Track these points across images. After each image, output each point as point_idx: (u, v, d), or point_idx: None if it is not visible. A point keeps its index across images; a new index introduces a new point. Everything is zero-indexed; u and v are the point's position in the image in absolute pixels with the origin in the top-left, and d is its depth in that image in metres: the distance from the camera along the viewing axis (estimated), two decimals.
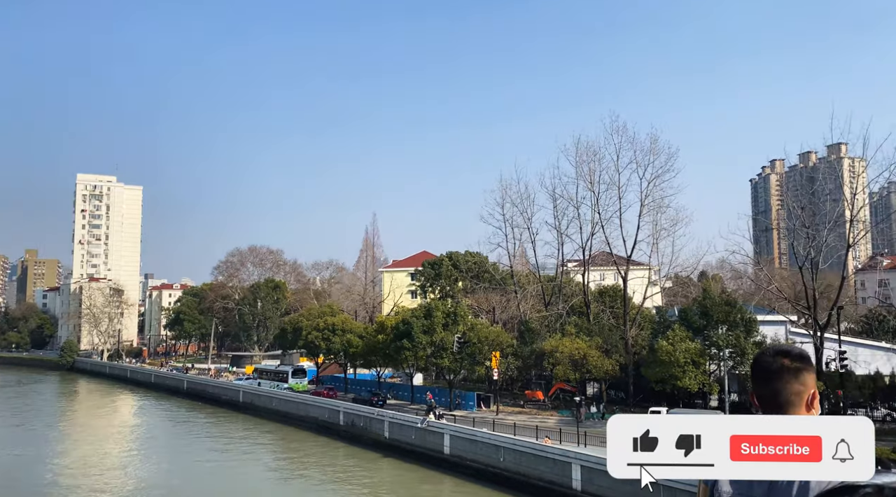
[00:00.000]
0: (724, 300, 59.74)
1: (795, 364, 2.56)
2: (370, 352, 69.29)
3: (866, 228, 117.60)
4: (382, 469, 49.92)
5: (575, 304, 73.28)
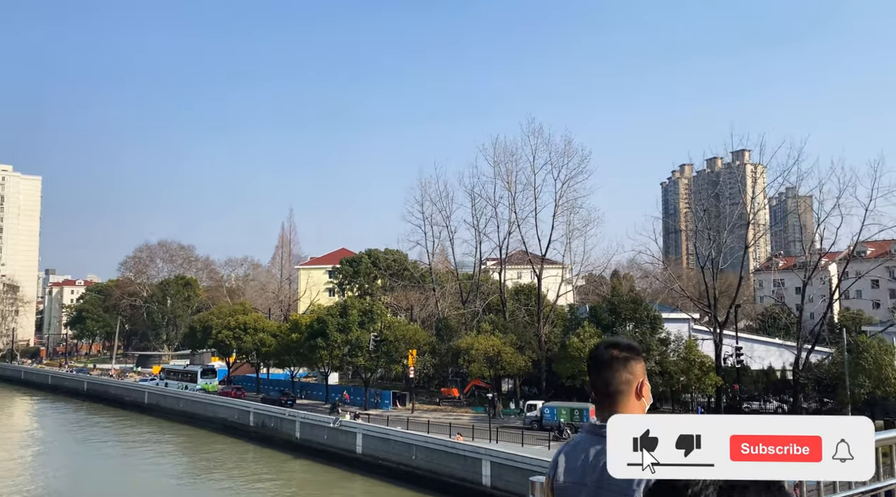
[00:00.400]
0: (632, 298, 61.99)
1: (624, 354, 2.62)
2: (284, 351, 67.78)
3: (765, 231, 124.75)
4: (293, 470, 48.88)
5: (492, 302, 74.24)
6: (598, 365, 2.65)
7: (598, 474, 2.43)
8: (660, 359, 57.75)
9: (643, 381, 2.65)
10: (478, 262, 77.83)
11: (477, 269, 78.31)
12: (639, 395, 2.64)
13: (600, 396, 2.66)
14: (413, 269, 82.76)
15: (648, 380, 2.95)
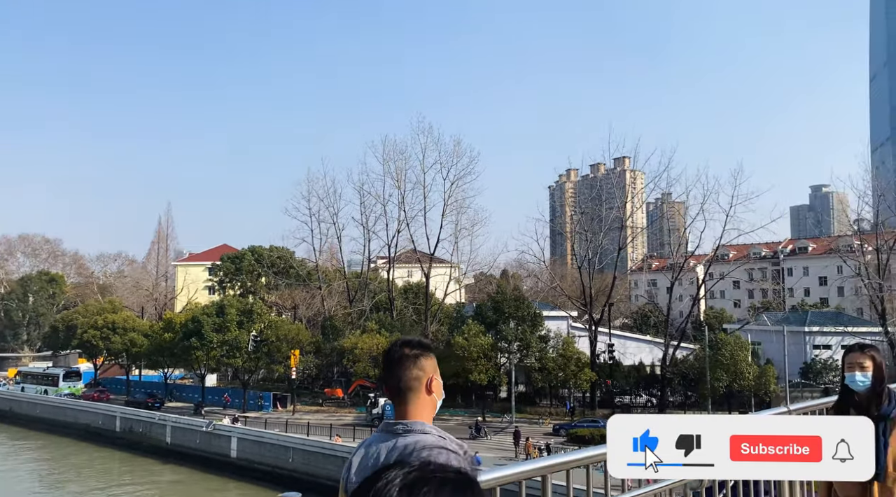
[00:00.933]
0: (515, 297, 63.49)
1: (415, 351, 2.63)
2: (156, 352, 64.01)
3: (637, 233, 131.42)
4: (162, 477, 46.24)
5: (380, 301, 73.77)
6: (391, 362, 2.65)
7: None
8: (539, 355, 59.57)
9: (433, 377, 2.63)
10: (366, 261, 77.16)
11: (365, 268, 77.57)
12: (429, 391, 2.61)
13: (392, 393, 2.65)
14: (299, 266, 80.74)
15: (529, 373, 2.71)
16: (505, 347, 59.51)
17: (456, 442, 2.44)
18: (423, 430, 2.43)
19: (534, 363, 58.80)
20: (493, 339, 59.25)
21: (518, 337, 58.80)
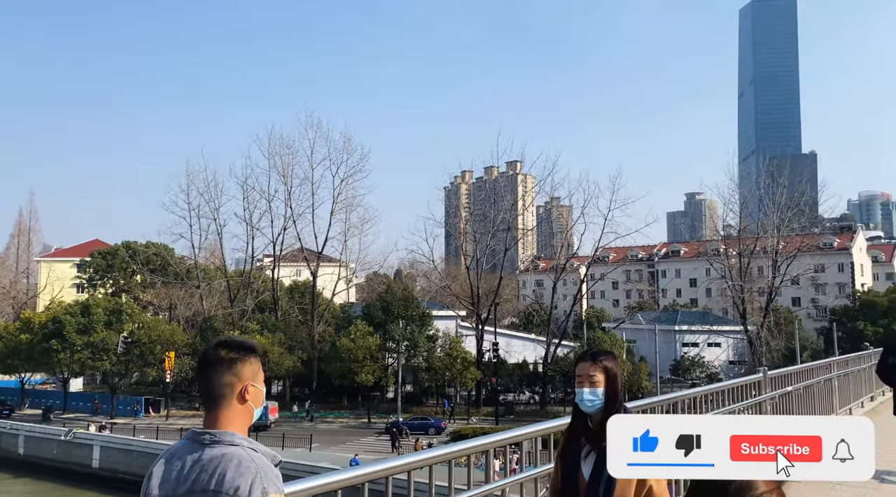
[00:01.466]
0: (405, 297, 63.34)
1: (231, 355, 2.36)
2: (11, 354, 58.59)
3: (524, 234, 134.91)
4: (12, 491, 42.27)
5: (264, 301, 71.32)
6: (204, 366, 2.37)
7: (189, 486, 2.16)
8: (427, 355, 59.72)
9: (249, 385, 2.37)
10: (250, 259, 74.34)
11: (249, 266, 74.73)
12: (243, 399, 2.34)
13: (204, 399, 2.41)
14: (178, 264, 76.57)
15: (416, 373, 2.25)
16: (393, 348, 59.18)
17: (270, 453, 2.28)
18: (232, 442, 2.22)
19: (421, 363, 58.86)
20: (381, 340, 58.77)
21: (406, 337, 58.66)
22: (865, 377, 14.90)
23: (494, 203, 68.66)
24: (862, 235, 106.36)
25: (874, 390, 15.84)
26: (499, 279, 64.64)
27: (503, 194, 73.97)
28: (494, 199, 69.13)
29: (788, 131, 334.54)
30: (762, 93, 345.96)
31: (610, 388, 3.31)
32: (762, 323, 64.65)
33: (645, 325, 72.74)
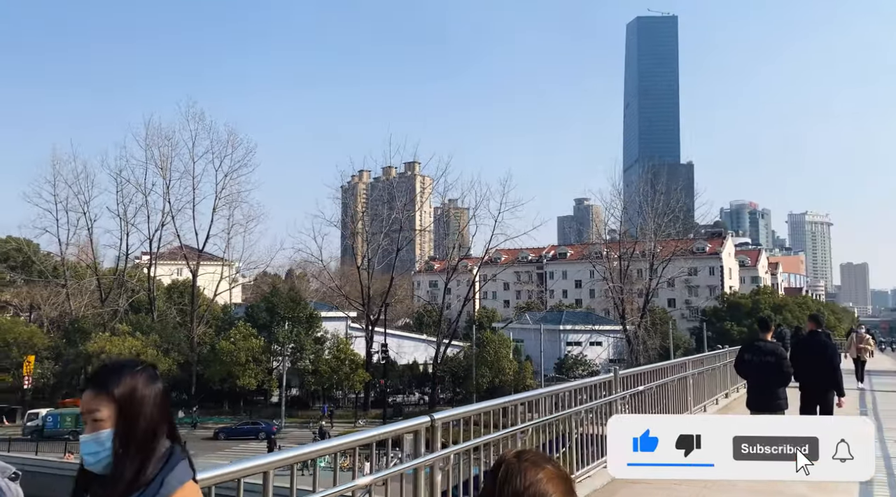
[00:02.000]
0: (291, 297, 61.44)
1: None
2: None
3: (429, 236, 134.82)
4: None
5: (139, 300, 66.94)
6: None
7: None
8: (315, 358, 58.19)
9: None
10: (123, 256, 69.58)
11: (122, 264, 69.92)
12: None
13: None
14: (42, 261, 70.51)
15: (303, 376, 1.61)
16: (278, 350, 57.23)
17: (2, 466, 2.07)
18: None
19: (308, 366, 57.27)
20: (266, 342, 56.67)
21: (292, 339, 56.90)
22: (721, 375, 15.59)
23: (386, 202, 68.08)
24: (731, 241, 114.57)
25: (729, 387, 16.67)
26: (390, 280, 64.04)
27: (400, 195, 73.47)
28: (387, 199, 68.53)
29: (668, 142, 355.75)
30: (646, 105, 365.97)
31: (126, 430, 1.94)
32: (639, 323, 67.84)
33: (531, 325, 74.58)
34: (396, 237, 61.65)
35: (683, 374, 12.17)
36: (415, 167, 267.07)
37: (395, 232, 65.11)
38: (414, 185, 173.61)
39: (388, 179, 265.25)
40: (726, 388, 16.19)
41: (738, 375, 10.68)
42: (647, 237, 70.24)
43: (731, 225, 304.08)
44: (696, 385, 12.91)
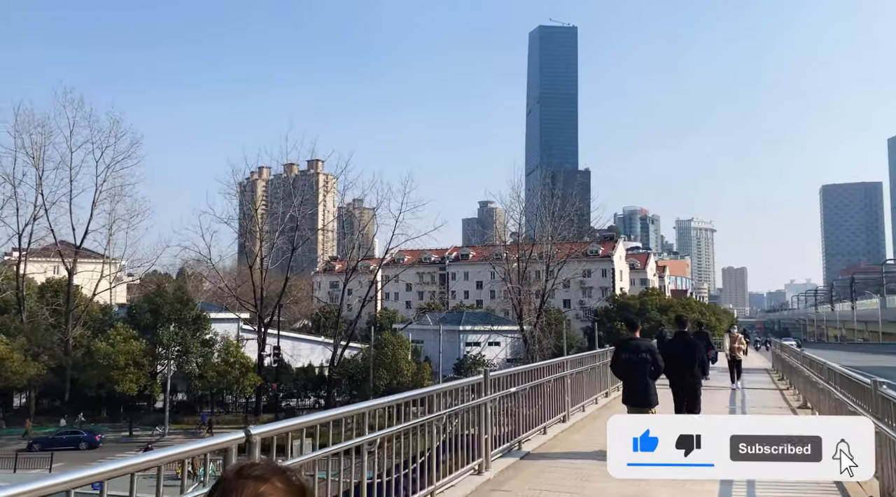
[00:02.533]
0: (178, 297, 58.18)
1: None
2: None
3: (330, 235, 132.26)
4: None
5: (7, 300, 61.36)
6: None
7: None
8: (202, 361, 55.39)
9: None
10: None
11: None
12: None
13: None
14: None
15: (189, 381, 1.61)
16: (162, 353, 54.01)
17: None
18: None
19: (195, 369, 54.42)
20: (149, 345, 53.35)
21: (178, 341, 53.87)
22: (601, 374, 15.58)
23: (284, 200, 65.93)
24: (622, 245, 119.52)
25: (609, 386, 16.84)
26: (285, 280, 62.03)
27: (303, 192, 71.22)
28: (283, 196, 66.36)
29: (567, 149, 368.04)
30: (547, 112, 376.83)
31: None
32: (536, 323, 69.29)
33: (431, 326, 74.55)
34: (292, 236, 59.67)
35: (561, 374, 12.04)
36: (317, 165, 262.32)
37: (291, 230, 63.10)
38: (316, 184, 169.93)
39: (289, 177, 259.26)
40: (606, 387, 16.31)
41: (614, 374, 10.87)
42: (544, 240, 71.87)
43: (624, 230, 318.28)
44: (574, 385, 12.82)
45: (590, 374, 14.65)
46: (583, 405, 13.77)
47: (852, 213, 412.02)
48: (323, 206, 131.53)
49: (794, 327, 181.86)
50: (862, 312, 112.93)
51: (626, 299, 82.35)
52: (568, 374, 12.43)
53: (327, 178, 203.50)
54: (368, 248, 75.62)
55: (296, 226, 57.94)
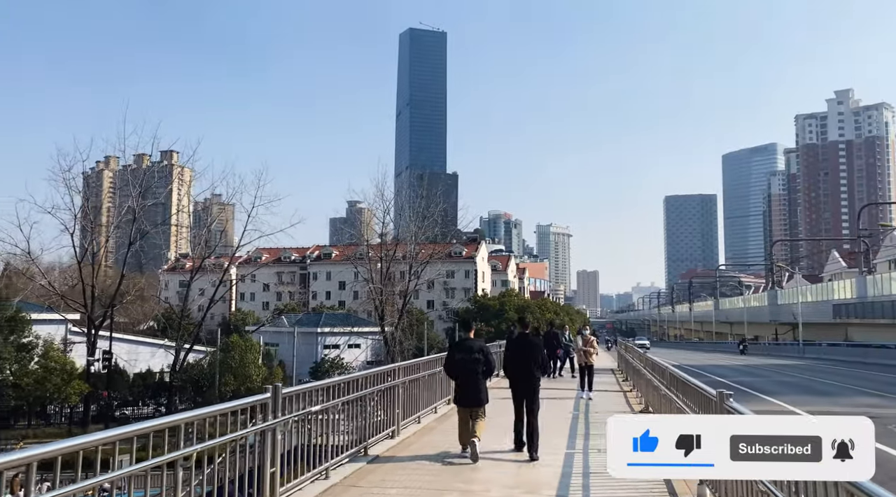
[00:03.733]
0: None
1: None
2: None
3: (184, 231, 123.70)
4: None
5: None
6: None
7: None
8: (18, 368, 48.87)
9: None
10: None
11: None
12: None
13: None
14: None
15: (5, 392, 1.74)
16: None
17: None
18: None
19: (6, 378, 47.80)
20: None
21: None
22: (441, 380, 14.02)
23: (119, 189, 59.97)
24: (485, 247, 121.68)
25: (452, 393, 15.62)
26: (119, 278, 56.34)
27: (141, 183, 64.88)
28: (120, 185, 60.34)
29: (436, 152, 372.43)
30: (416, 114, 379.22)
31: None
32: (397, 324, 68.13)
33: (287, 328, 71.29)
34: (129, 229, 54.15)
35: (391, 383, 10.59)
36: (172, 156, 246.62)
37: (127, 223, 57.41)
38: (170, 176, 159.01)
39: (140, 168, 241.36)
40: (449, 394, 15.10)
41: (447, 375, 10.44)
42: (408, 240, 70.96)
43: (488, 233, 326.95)
44: (408, 394, 11.45)
45: (428, 382, 13.31)
46: (418, 416, 12.44)
47: (691, 222, 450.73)
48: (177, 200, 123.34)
49: (640, 327, 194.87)
50: (698, 313, 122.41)
51: (486, 300, 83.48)
52: (399, 383, 11.00)
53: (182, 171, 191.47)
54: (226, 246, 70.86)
55: (133, 218, 52.49)
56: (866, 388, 22.53)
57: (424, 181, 78.10)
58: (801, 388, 22.49)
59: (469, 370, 9.36)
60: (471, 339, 9.76)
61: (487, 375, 9.57)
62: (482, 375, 9.44)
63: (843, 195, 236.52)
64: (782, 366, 38.27)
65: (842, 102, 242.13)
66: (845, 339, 57.72)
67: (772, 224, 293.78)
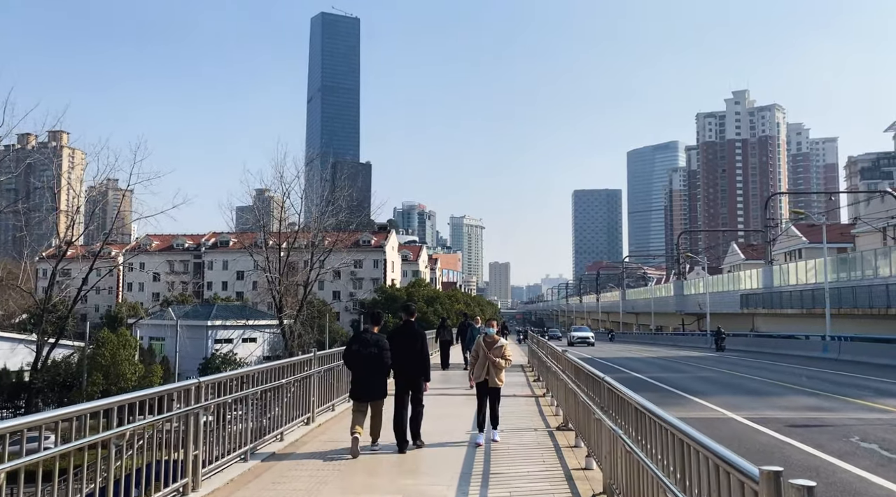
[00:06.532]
0: None
1: None
2: None
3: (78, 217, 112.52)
4: None
5: None
6: None
7: None
8: None
9: None
10: None
11: None
12: None
13: None
14: None
15: None
16: None
17: None
18: None
19: None
20: None
21: None
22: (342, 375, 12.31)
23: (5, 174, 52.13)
24: (395, 236, 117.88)
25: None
26: None
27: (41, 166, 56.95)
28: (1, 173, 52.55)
29: (349, 140, 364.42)
30: (328, 101, 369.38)
31: None
32: (296, 316, 63.49)
33: (171, 321, 65.00)
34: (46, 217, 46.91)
35: (279, 383, 9.18)
36: (61, 137, 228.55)
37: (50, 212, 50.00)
38: (61, 159, 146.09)
39: (25, 148, 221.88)
40: (346, 392, 12.16)
41: (346, 367, 10.00)
42: (312, 227, 66.34)
43: (402, 223, 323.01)
44: (301, 393, 10.32)
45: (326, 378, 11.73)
46: (308, 417, 10.66)
47: (597, 216, 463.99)
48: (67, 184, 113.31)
49: (549, 317, 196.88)
50: (605, 304, 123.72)
51: (393, 291, 79.84)
52: (287, 381, 9.57)
53: (73, 152, 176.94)
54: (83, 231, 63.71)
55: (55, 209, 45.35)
56: (798, 385, 20.55)
57: (328, 164, 73.24)
58: (730, 387, 20.22)
59: (367, 364, 9.20)
60: (371, 331, 9.49)
61: (384, 374, 9.32)
62: (381, 372, 9.23)
63: (739, 191, 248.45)
64: (698, 358, 36.76)
65: (738, 102, 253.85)
66: (752, 330, 57.95)
67: (673, 218, 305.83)
